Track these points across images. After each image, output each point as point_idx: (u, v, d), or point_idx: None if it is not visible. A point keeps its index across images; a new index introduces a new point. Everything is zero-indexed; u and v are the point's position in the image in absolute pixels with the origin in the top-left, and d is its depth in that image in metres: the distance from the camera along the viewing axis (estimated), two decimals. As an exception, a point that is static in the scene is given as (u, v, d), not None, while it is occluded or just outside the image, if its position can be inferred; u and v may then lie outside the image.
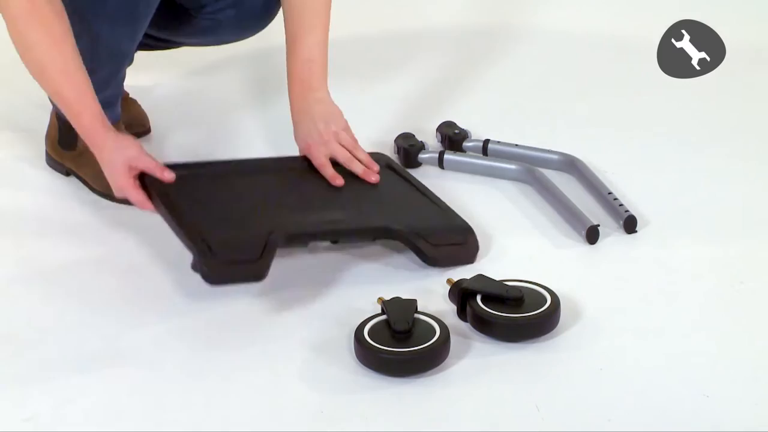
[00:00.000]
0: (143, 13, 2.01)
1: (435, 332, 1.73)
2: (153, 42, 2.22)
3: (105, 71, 2.05)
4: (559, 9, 2.91)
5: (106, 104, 2.11)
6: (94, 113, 1.91)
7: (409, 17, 2.90)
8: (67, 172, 2.17)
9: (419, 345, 1.70)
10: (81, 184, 2.15)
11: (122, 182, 1.90)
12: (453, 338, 1.74)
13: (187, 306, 1.84)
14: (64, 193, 2.14)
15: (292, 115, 2.06)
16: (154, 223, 2.03)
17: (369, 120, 2.40)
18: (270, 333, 1.80)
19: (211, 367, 1.74)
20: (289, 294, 1.87)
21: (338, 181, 2.01)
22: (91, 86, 1.91)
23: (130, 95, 2.33)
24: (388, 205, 2.01)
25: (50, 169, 2.20)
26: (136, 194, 1.90)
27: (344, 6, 2.21)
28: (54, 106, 2.13)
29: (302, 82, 2.05)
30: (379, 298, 1.81)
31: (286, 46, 2.06)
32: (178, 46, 2.29)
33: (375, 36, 2.79)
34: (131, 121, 2.31)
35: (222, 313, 1.82)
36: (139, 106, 2.35)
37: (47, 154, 2.19)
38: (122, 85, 2.14)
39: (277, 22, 2.13)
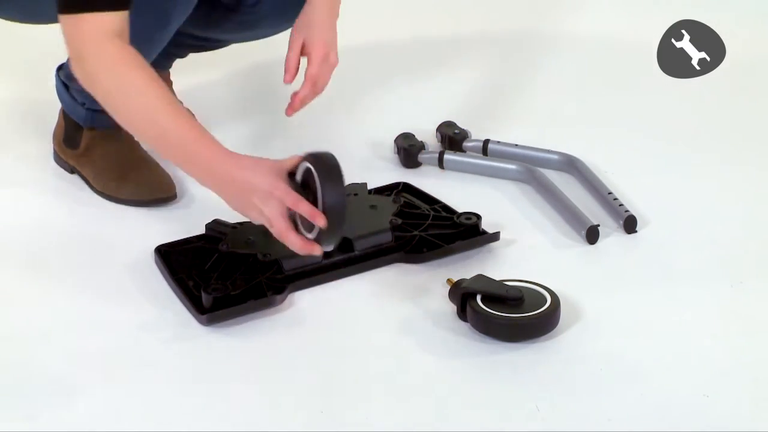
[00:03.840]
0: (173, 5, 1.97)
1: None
2: (198, 42, 2.21)
3: (157, 36, 2.00)
4: (559, 10, 2.91)
5: None
6: (213, 142, 1.77)
7: (409, 18, 2.90)
8: (72, 170, 2.17)
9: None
10: (84, 184, 2.15)
11: (281, 226, 1.73)
12: (453, 338, 1.74)
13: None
14: (67, 192, 2.14)
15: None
16: (155, 223, 2.04)
17: (369, 120, 2.41)
18: (270, 333, 1.80)
19: (211, 367, 1.74)
20: (287, 294, 1.87)
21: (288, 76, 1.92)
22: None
23: None
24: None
25: (55, 167, 2.20)
26: (299, 240, 1.73)
27: (344, 7, 2.21)
28: (65, 104, 2.12)
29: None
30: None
31: None
32: (223, 45, 2.25)
33: (375, 36, 2.79)
34: None
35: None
36: None
37: (54, 151, 2.19)
38: None
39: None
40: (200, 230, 1.97)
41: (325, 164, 1.73)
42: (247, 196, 1.72)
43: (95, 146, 2.13)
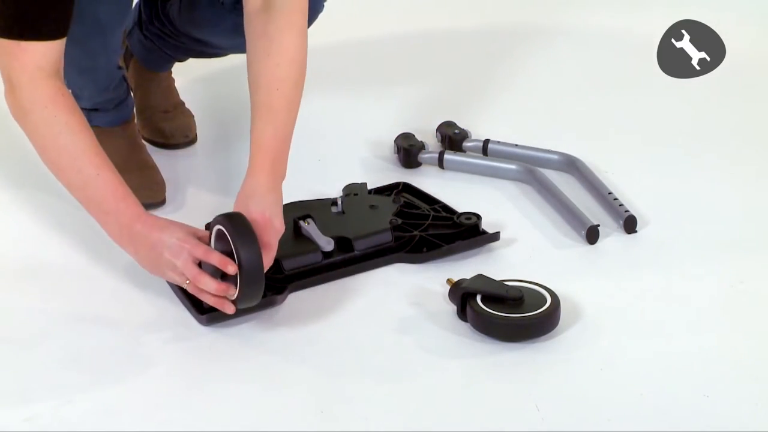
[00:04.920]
0: None
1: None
2: (196, 45, 2.21)
3: (93, 43, 2.00)
4: (559, 9, 2.92)
5: (114, 103, 2.11)
6: (134, 201, 1.79)
7: (409, 18, 2.90)
8: None
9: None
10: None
11: (194, 271, 1.74)
12: (453, 338, 1.74)
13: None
14: (67, 192, 2.13)
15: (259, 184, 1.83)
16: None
17: (369, 120, 2.41)
18: (270, 333, 1.80)
19: (211, 367, 1.74)
20: (287, 294, 1.87)
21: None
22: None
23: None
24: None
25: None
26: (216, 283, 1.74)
27: (345, 7, 2.22)
28: None
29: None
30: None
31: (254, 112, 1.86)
32: (220, 53, 2.25)
33: (375, 37, 2.79)
34: (174, 131, 2.30)
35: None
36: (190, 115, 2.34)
37: None
38: (121, 76, 2.14)
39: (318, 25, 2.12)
40: (200, 230, 1.98)
41: (236, 222, 1.75)
42: (159, 251, 1.75)
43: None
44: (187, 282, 1.75)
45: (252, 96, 1.87)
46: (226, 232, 1.74)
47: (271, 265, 1.86)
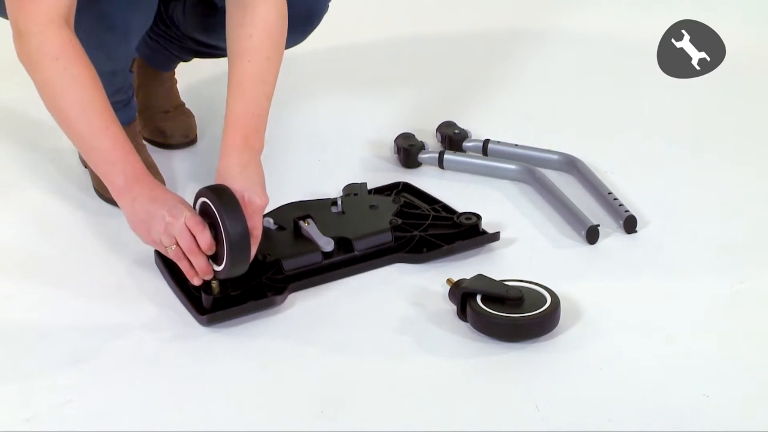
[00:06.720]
0: None
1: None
2: (201, 47, 2.21)
3: (118, 50, 2.00)
4: (559, 10, 2.92)
5: (122, 105, 2.12)
6: (140, 158, 1.80)
7: (410, 18, 2.90)
8: (85, 165, 2.15)
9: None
10: (85, 185, 2.14)
11: (189, 240, 1.75)
12: (453, 338, 1.74)
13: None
14: (68, 193, 2.14)
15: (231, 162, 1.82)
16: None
17: (369, 120, 2.41)
18: (270, 333, 1.80)
19: (211, 367, 1.74)
20: (287, 295, 1.87)
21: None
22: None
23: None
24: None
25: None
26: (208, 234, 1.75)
27: (345, 7, 2.21)
28: None
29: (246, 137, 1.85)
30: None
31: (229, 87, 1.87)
32: (226, 54, 2.26)
33: (376, 37, 2.79)
34: (174, 132, 2.30)
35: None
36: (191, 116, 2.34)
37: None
38: (131, 80, 2.13)
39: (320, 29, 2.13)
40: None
41: (220, 193, 1.75)
42: (158, 206, 1.75)
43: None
44: (173, 246, 1.75)
45: (228, 70, 1.86)
46: (210, 203, 1.75)
47: (271, 265, 1.86)
